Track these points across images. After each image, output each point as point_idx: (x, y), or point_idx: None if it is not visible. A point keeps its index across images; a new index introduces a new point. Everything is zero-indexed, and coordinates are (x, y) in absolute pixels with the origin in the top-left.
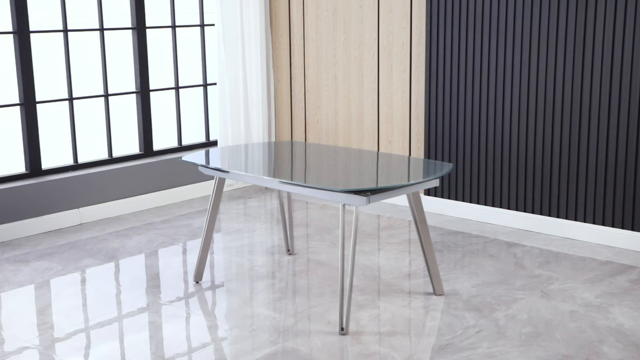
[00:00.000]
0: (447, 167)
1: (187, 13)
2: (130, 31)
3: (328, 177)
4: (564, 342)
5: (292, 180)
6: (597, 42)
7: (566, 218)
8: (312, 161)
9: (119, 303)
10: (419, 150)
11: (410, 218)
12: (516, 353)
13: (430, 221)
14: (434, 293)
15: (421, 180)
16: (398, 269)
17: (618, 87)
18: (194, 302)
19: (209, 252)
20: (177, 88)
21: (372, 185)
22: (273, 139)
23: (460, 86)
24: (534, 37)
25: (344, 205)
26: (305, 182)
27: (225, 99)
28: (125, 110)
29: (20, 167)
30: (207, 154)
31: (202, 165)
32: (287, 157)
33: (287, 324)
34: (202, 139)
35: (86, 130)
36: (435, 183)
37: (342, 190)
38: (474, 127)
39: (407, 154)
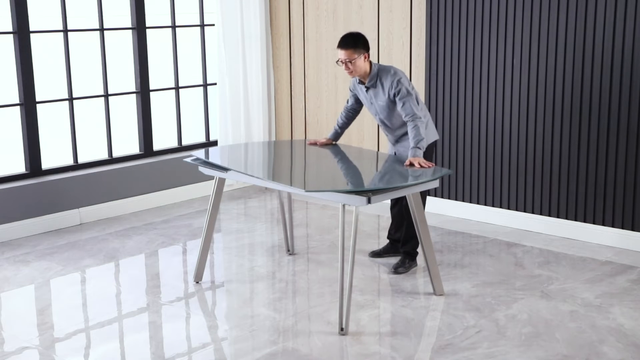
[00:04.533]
0: (445, 170)
1: (187, 13)
2: (130, 31)
3: (329, 177)
4: (564, 342)
5: (291, 184)
6: (597, 42)
7: (566, 218)
8: (312, 161)
9: (119, 303)
10: None
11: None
12: (516, 353)
13: (430, 221)
14: (434, 293)
15: (422, 180)
16: None
17: (618, 87)
18: (194, 302)
19: (209, 252)
20: (177, 88)
21: (373, 186)
22: (273, 139)
23: (460, 86)
24: (534, 37)
25: (344, 205)
26: (304, 184)
27: (225, 99)
28: (125, 110)
29: (20, 167)
30: (206, 153)
31: (202, 165)
32: (286, 157)
33: (287, 324)
34: (202, 139)
35: (86, 130)
36: (436, 184)
37: (343, 190)
38: (474, 127)
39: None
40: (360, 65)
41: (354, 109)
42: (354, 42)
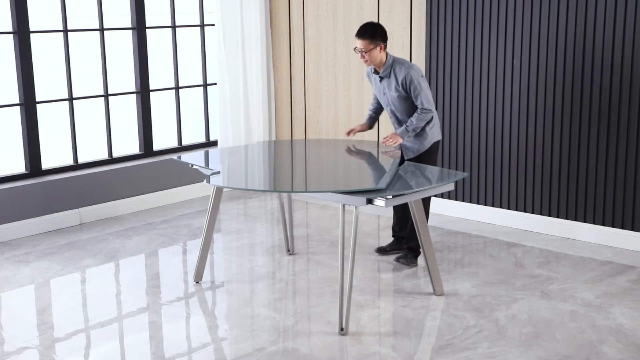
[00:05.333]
0: (462, 173)
1: (187, 13)
2: (130, 31)
3: (332, 177)
4: (564, 342)
5: (306, 188)
6: (597, 42)
7: (566, 218)
8: (318, 159)
9: (119, 303)
10: None
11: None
12: (516, 353)
13: (430, 221)
14: (434, 293)
15: (437, 184)
16: (398, 269)
17: (618, 87)
18: (194, 302)
19: (209, 252)
20: (177, 88)
21: (389, 189)
22: (273, 139)
23: (460, 86)
24: (534, 37)
25: (343, 205)
26: (306, 186)
27: (225, 99)
28: (125, 110)
29: (20, 167)
30: (206, 159)
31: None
32: (287, 158)
33: (287, 324)
34: (202, 139)
35: (86, 130)
36: (451, 187)
37: (364, 189)
38: (474, 127)
39: None
40: (375, 56)
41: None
42: (371, 33)
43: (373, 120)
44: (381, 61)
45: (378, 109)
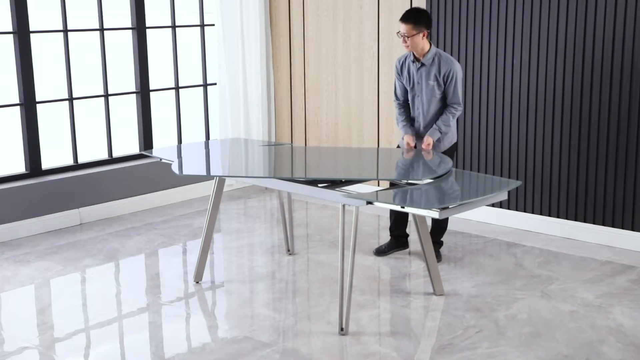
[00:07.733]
0: (517, 181)
1: (187, 13)
2: (130, 31)
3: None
4: (564, 342)
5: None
6: (597, 42)
7: (566, 218)
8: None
9: (119, 303)
10: None
11: (410, 218)
12: (516, 353)
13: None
14: (434, 293)
15: (491, 194)
16: (398, 269)
17: (618, 87)
18: (194, 302)
19: (209, 252)
20: (177, 88)
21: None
22: (273, 139)
23: None
24: (534, 37)
25: (343, 205)
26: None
27: (225, 99)
28: (125, 110)
29: (20, 167)
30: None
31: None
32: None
33: (287, 324)
34: (202, 139)
35: (86, 130)
36: (504, 196)
37: (423, 207)
38: (474, 127)
39: None
40: (417, 42)
41: (407, 99)
42: (415, 18)
43: (411, 128)
44: (422, 49)
45: (409, 116)
